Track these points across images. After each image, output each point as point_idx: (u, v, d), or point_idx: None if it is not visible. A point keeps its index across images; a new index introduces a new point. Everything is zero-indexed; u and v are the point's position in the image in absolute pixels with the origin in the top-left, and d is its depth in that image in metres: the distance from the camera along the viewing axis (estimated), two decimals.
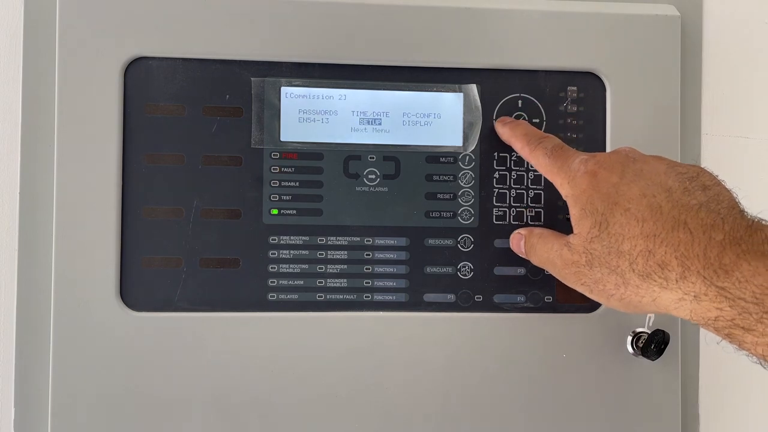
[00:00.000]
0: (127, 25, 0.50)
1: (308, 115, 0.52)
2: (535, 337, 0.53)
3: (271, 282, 0.52)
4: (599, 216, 0.41)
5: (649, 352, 0.51)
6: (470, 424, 0.52)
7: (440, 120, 0.53)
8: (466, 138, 0.53)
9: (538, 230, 0.49)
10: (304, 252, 0.52)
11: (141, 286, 0.50)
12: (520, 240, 0.50)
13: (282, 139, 0.52)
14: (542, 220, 0.53)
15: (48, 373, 0.49)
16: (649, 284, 0.39)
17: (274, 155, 0.52)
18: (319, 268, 0.52)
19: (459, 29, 0.52)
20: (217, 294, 0.51)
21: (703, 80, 0.58)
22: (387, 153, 0.53)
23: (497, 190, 0.53)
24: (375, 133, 0.52)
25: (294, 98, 0.52)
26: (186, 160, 0.51)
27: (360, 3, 0.52)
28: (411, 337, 0.52)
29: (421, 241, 0.53)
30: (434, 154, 0.53)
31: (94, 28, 0.50)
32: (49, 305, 0.49)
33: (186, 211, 0.51)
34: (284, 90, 0.52)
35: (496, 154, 0.53)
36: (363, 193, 0.52)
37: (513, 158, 0.53)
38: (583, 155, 0.45)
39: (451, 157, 0.53)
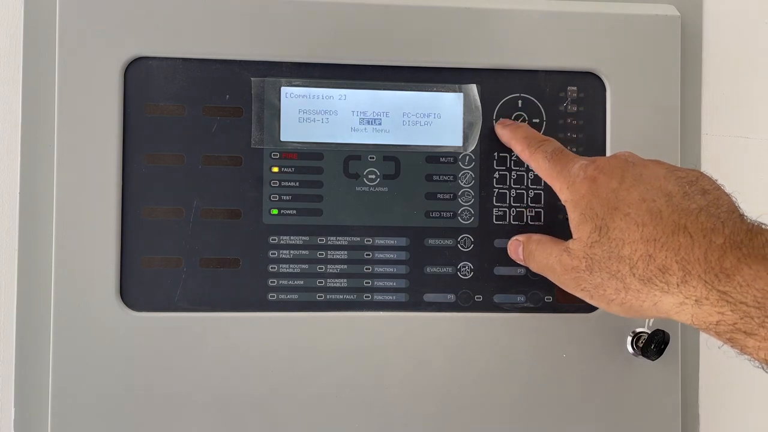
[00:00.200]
0: (127, 25, 0.50)
1: (308, 115, 0.52)
2: (535, 337, 0.53)
3: (271, 282, 0.52)
4: (599, 221, 0.41)
5: (649, 352, 0.51)
6: (470, 424, 0.52)
7: (440, 120, 0.53)
8: (466, 138, 0.53)
9: (536, 236, 0.49)
10: (304, 252, 0.52)
11: (141, 286, 0.50)
12: (518, 247, 0.50)
13: (282, 139, 0.52)
14: (542, 220, 0.53)
15: (48, 373, 0.49)
16: (650, 289, 0.39)
17: (274, 155, 0.52)
18: (319, 268, 0.52)
19: (459, 29, 0.52)
20: (217, 294, 0.51)
21: (703, 80, 0.58)
22: (387, 153, 0.53)
23: (497, 190, 0.53)
24: (375, 133, 0.52)
25: (294, 98, 0.52)
26: (186, 160, 0.51)
27: (360, 3, 0.52)
28: (411, 337, 0.52)
29: (421, 241, 0.53)
30: (434, 154, 0.53)
31: (94, 28, 0.50)
32: (49, 305, 0.49)
33: (186, 211, 0.51)
34: (284, 90, 0.52)
35: (496, 154, 0.53)
36: (363, 193, 0.52)
37: (513, 158, 0.53)
38: (582, 160, 0.45)
39: (451, 157, 0.53)
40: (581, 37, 0.53)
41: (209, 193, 0.51)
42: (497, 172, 0.53)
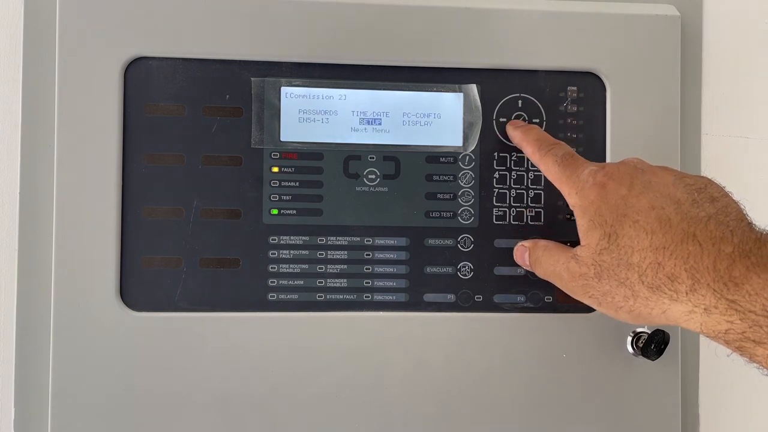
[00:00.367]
0: (127, 25, 0.50)
1: (308, 115, 0.52)
2: (535, 337, 0.53)
3: (271, 282, 0.52)
4: (608, 228, 0.41)
5: (649, 352, 0.51)
6: (470, 424, 0.52)
7: (440, 120, 0.53)
8: (466, 138, 0.53)
9: (542, 243, 0.49)
10: (304, 252, 0.52)
11: (141, 286, 0.50)
12: (524, 252, 0.50)
13: (282, 139, 0.52)
14: (542, 220, 0.53)
15: (48, 373, 0.49)
16: (659, 296, 0.39)
17: (274, 155, 0.52)
18: (319, 268, 0.52)
19: (459, 29, 0.52)
20: (217, 294, 0.51)
21: (703, 80, 0.58)
22: (387, 153, 0.53)
23: (497, 190, 0.53)
24: (375, 133, 0.52)
25: (294, 98, 0.52)
26: (186, 160, 0.51)
27: (360, 3, 0.52)
28: (411, 337, 0.52)
29: (421, 241, 0.53)
30: (434, 154, 0.53)
31: (94, 28, 0.50)
32: (49, 305, 0.49)
33: (186, 211, 0.51)
34: (284, 90, 0.52)
35: (496, 154, 0.53)
36: (363, 193, 0.52)
37: (513, 158, 0.53)
38: (592, 166, 0.45)
39: (451, 157, 0.53)
40: (581, 37, 0.53)
41: (209, 193, 0.51)
42: (497, 172, 0.53)
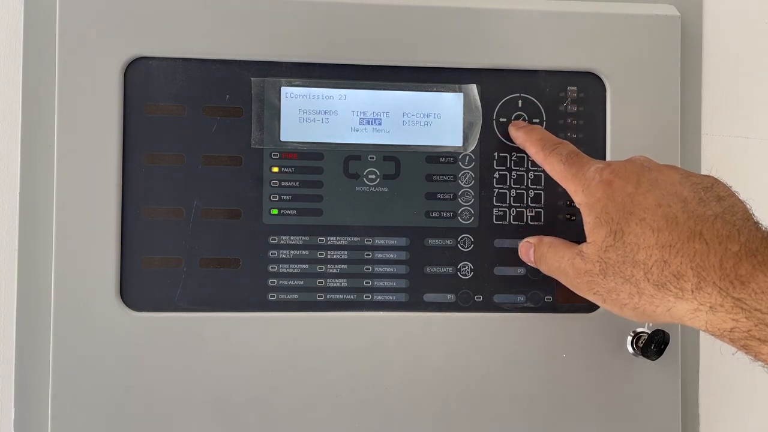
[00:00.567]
0: (127, 25, 0.50)
1: (308, 115, 0.52)
2: (535, 337, 0.53)
3: (271, 282, 0.52)
4: (614, 225, 0.41)
5: (649, 352, 0.51)
6: (470, 424, 0.52)
7: (440, 120, 0.53)
8: (466, 138, 0.53)
9: (547, 239, 0.49)
10: (304, 252, 0.52)
11: (141, 286, 0.50)
12: (529, 249, 0.50)
13: (282, 139, 0.52)
14: (542, 220, 0.53)
15: (48, 373, 0.49)
16: (664, 294, 0.39)
17: (274, 155, 0.52)
18: (319, 268, 0.52)
19: (459, 29, 0.52)
20: (217, 294, 0.51)
21: (703, 80, 0.58)
22: (387, 153, 0.53)
23: (497, 190, 0.53)
24: (375, 133, 0.52)
25: (294, 98, 0.52)
26: (186, 160, 0.51)
27: (360, 3, 0.52)
28: (411, 337, 0.52)
29: (421, 241, 0.53)
30: (434, 154, 0.53)
31: (94, 28, 0.50)
32: (49, 305, 0.49)
33: (186, 211, 0.51)
34: (284, 90, 0.52)
35: (496, 154, 0.53)
36: (363, 193, 0.52)
37: (513, 158, 0.53)
38: (598, 163, 0.45)
39: (451, 157, 0.53)
40: (581, 37, 0.53)
41: (209, 193, 0.51)
42: (497, 172, 0.53)
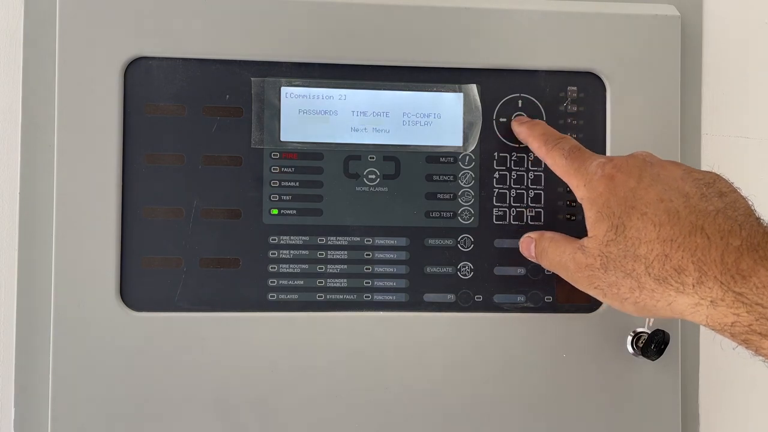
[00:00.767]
0: (127, 25, 0.50)
1: (308, 115, 0.52)
2: (535, 337, 0.53)
3: (271, 282, 0.52)
4: (616, 219, 0.41)
5: (649, 352, 0.51)
6: (470, 424, 0.52)
7: (440, 120, 0.53)
8: (466, 138, 0.53)
9: (549, 234, 0.49)
10: (304, 252, 0.52)
11: (141, 286, 0.50)
12: (530, 243, 0.50)
13: (282, 139, 0.52)
14: (542, 220, 0.53)
15: (48, 373, 0.49)
16: (665, 288, 0.39)
17: (274, 155, 0.52)
18: (319, 268, 0.52)
19: (459, 29, 0.52)
20: (217, 294, 0.51)
21: (703, 80, 0.58)
22: (387, 153, 0.53)
23: (497, 190, 0.53)
24: (375, 133, 0.52)
25: (294, 98, 0.52)
26: (186, 160, 0.51)
27: (360, 3, 0.52)
28: (411, 337, 0.52)
29: (421, 241, 0.53)
30: (434, 154, 0.53)
31: (94, 28, 0.50)
32: (49, 305, 0.49)
33: (186, 211, 0.51)
34: (284, 90, 0.52)
35: (496, 154, 0.53)
36: (363, 193, 0.52)
37: (513, 158, 0.53)
38: (600, 158, 0.45)
39: (451, 157, 0.53)
40: (581, 37, 0.53)
41: (209, 193, 0.51)
42: (497, 172, 0.53)
